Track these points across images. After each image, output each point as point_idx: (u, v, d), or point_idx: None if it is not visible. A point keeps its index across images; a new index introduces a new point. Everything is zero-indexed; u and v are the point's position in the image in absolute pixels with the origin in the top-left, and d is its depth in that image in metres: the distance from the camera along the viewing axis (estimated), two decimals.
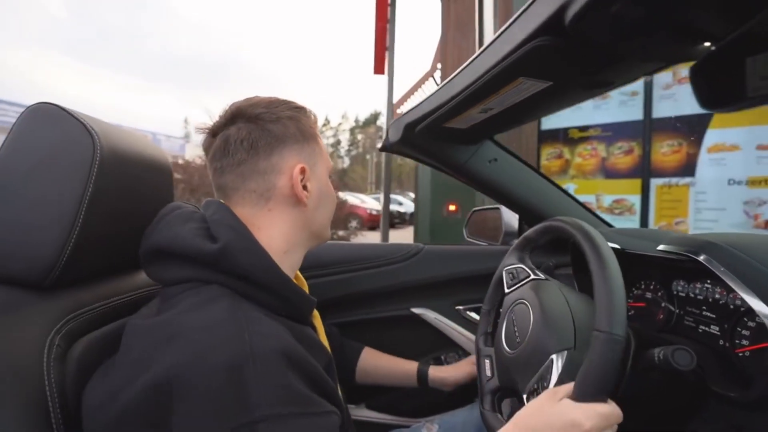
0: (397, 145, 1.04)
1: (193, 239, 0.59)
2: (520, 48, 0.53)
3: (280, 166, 0.66)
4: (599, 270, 0.59)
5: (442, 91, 0.78)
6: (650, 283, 0.89)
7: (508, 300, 0.82)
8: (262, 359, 0.48)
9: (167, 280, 0.60)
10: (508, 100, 0.71)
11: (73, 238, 0.56)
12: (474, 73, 0.65)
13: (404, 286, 1.27)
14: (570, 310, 0.68)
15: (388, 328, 1.29)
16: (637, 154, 3.53)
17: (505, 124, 0.91)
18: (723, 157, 3.09)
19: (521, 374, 0.68)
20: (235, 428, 0.45)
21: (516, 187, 1.13)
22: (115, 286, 0.68)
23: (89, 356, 0.57)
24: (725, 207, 3.09)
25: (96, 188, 0.57)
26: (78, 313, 0.58)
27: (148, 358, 0.50)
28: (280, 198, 0.66)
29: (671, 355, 0.57)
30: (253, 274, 0.57)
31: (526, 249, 0.87)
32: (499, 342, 0.78)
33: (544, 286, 0.76)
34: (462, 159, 1.07)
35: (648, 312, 0.88)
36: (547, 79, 0.61)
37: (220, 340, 0.49)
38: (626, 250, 0.86)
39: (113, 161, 0.60)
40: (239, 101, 0.69)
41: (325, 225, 0.75)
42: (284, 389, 0.48)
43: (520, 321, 0.73)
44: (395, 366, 1.09)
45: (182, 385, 0.46)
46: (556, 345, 0.64)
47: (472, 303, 1.29)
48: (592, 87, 0.65)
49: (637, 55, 0.50)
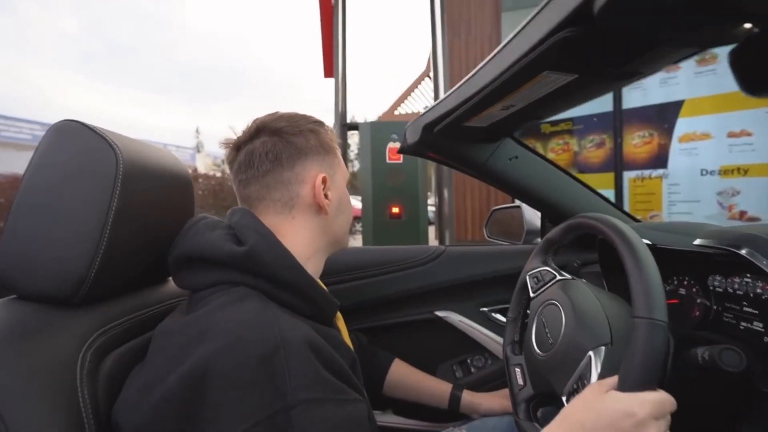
0: (416, 146, 1.03)
1: (221, 243, 0.61)
2: (545, 41, 0.51)
3: (303, 176, 0.70)
4: (633, 260, 0.57)
5: (461, 89, 0.77)
6: (683, 279, 0.86)
7: (535, 303, 0.80)
8: (291, 348, 0.50)
9: (197, 285, 0.62)
10: (531, 95, 0.69)
11: (101, 253, 0.56)
12: (495, 70, 0.64)
13: (427, 289, 1.25)
14: (602, 306, 0.67)
15: (412, 333, 1.27)
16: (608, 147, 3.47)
17: (526, 119, 0.89)
18: (694, 146, 3.03)
19: (557, 376, 0.67)
20: (271, 416, 0.46)
21: (538, 184, 1.11)
22: (142, 299, 0.68)
23: (119, 370, 0.57)
24: (699, 198, 3.03)
25: (120, 202, 0.58)
26: (107, 328, 0.58)
27: (180, 353, 0.51)
28: (303, 206, 0.70)
29: (718, 355, 0.55)
30: (279, 275, 0.60)
31: (549, 251, 0.85)
32: (529, 347, 0.76)
33: (572, 284, 0.74)
34: (482, 158, 1.05)
35: (682, 309, 0.85)
36: (573, 72, 0.59)
37: (250, 332, 0.50)
38: (657, 245, 0.84)
39: (135, 174, 0.60)
40: (262, 117, 0.73)
41: (344, 231, 0.78)
42: (314, 375, 0.50)
43: (551, 321, 0.71)
44: (426, 385, 1.08)
45: (215, 375, 0.47)
46: (592, 341, 0.62)
47: (497, 304, 1.27)
48: (619, 78, 0.63)
49: (671, 42, 0.48)
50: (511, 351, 0.87)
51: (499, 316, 1.27)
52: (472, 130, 0.93)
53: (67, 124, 0.59)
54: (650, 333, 0.52)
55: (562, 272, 0.80)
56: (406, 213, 3.13)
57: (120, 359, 0.59)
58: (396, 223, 3.13)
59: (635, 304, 0.54)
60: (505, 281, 1.21)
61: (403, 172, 3.12)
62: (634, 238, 0.60)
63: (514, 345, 0.88)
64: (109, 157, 0.57)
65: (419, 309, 1.28)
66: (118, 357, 0.59)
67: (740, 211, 2.83)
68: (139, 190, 0.62)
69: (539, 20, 0.51)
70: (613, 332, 0.62)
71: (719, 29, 0.43)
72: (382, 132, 3.12)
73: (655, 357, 0.51)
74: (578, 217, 0.76)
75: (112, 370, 0.57)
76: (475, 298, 1.28)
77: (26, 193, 0.56)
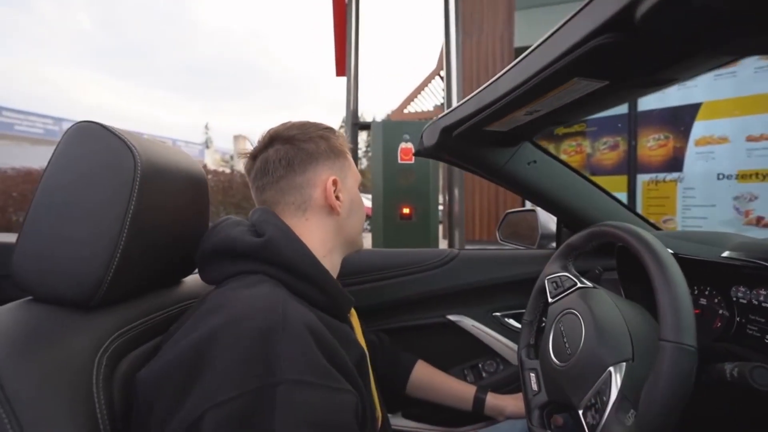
0: (433, 149, 1.02)
1: (243, 236, 0.65)
2: (580, 47, 0.49)
3: (314, 180, 0.74)
4: (661, 275, 0.56)
5: (483, 93, 0.75)
6: (705, 289, 0.84)
7: (553, 310, 0.79)
8: (290, 329, 0.52)
9: (220, 276, 0.65)
10: (558, 101, 0.68)
11: (118, 254, 0.55)
12: (522, 74, 0.62)
13: (439, 292, 1.25)
14: (624, 319, 0.65)
15: (424, 336, 1.27)
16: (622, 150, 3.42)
17: (547, 124, 0.87)
18: (711, 150, 2.97)
19: (574, 388, 0.65)
20: (258, 389, 0.47)
21: (556, 189, 1.09)
22: (157, 301, 0.68)
23: (134, 374, 0.57)
24: (714, 203, 2.97)
25: (138, 203, 0.57)
26: (123, 331, 0.58)
27: (195, 323, 0.55)
28: (316, 208, 0.74)
29: (749, 373, 0.53)
30: (295, 265, 0.63)
31: (570, 256, 0.84)
32: (546, 354, 0.75)
33: (593, 294, 0.73)
34: (500, 162, 1.04)
35: (704, 319, 0.83)
36: (604, 78, 0.58)
37: (256, 310, 0.53)
38: (679, 254, 0.83)
39: (153, 176, 0.60)
40: (275, 126, 0.78)
41: (358, 232, 0.82)
42: (307, 359, 0.52)
43: (570, 331, 0.70)
44: (450, 386, 1.09)
45: (217, 345, 0.50)
46: (613, 357, 0.60)
47: (510, 309, 1.26)
48: (651, 85, 0.61)
49: (714, 49, 0.47)
50: (526, 355, 0.86)
51: (512, 322, 1.26)
52: (492, 134, 0.92)
53: (86, 125, 0.58)
54: (677, 359, 0.50)
55: (582, 279, 0.78)
56: (416, 214, 3.11)
57: (135, 362, 0.58)
58: (406, 224, 3.11)
59: (663, 326, 0.53)
60: (519, 286, 1.20)
61: (414, 173, 3.10)
62: (663, 252, 0.59)
63: (530, 349, 0.87)
64: (128, 159, 0.57)
65: (431, 312, 1.27)
66: (133, 360, 0.58)
67: (757, 216, 2.78)
68: (157, 192, 0.61)
69: (574, 25, 0.50)
70: (635, 348, 0.61)
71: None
72: (394, 132, 3.10)
73: (681, 385, 0.50)
74: (602, 226, 0.74)
75: (127, 373, 0.56)
76: (487, 303, 1.27)
77: (44, 194, 0.55)
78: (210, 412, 0.46)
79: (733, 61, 0.53)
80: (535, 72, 0.59)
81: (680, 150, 3.10)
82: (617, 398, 0.57)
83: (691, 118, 3.04)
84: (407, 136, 3.02)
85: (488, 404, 1.05)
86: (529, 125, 0.85)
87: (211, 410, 0.46)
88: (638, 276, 0.86)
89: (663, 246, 0.60)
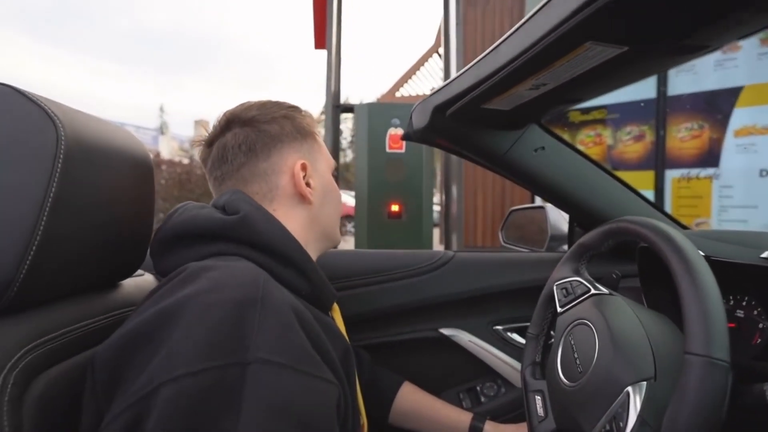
0: (423, 132, 1.01)
1: (212, 215, 0.67)
2: (591, 3, 0.49)
3: (280, 165, 0.76)
4: (688, 279, 0.56)
5: (481, 64, 0.75)
6: (742, 299, 0.85)
7: (562, 321, 0.79)
8: (269, 305, 0.53)
9: (185, 263, 0.64)
10: (568, 72, 0.67)
11: (33, 248, 0.53)
12: (526, 40, 0.61)
13: (431, 302, 1.24)
14: (645, 331, 0.65)
15: (412, 353, 1.26)
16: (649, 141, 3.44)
17: (557, 103, 0.87)
18: (753, 142, 2.99)
19: (585, 412, 0.65)
20: (226, 365, 0.48)
21: (568, 181, 1.09)
22: (86, 307, 0.65)
23: (53, 395, 0.55)
24: (757, 204, 3.00)
25: (61, 187, 0.55)
26: (38, 342, 0.55)
27: (162, 295, 0.56)
28: (284, 198, 0.76)
29: None
30: (274, 244, 0.66)
31: (583, 258, 0.84)
32: (553, 373, 0.75)
33: (609, 301, 0.73)
34: (502, 148, 1.03)
35: (741, 334, 0.83)
36: (622, 43, 0.57)
37: (234, 280, 0.55)
38: (711, 257, 0.83)
39: (81, 153, 0.58)
40: (232, 108, 0.79)
41: (334, 224, 0.84)
42: (284, 340, 0.53)
43: (582, 346, 0.70)
44: (443, 414, 1.08)
45: (188, 311, 0.51)
46: (632, 375, 0.60)
47: (513, 322, 1.26)
48: (679, 53, 0.60)
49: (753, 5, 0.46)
50: (531, 374, 0.86)
51: (516, 336, 1.26)
52: (492, 114, 0.91)
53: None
54: (706, 376, 0.50)
55: (597, 285, 0.78)
56: (407, 212, 3.10)
57: (56, 381, 0.56)
58: (395, 223, 3.09)
59: (689, 336, 0.53)
60: (524, 295, 1.20)
61: (404, 164, 3.09)
62: (691, 251, 0.58)
63: (535, 367, 0.87)
64: (49, 131, 0.55)
65: (422, 325, 1.26)
66: (53, 378, 0.56)
67: None
68: (86, 174, 0.60)
69: None
70: (657, 364, 0.61)
71: None
72: (381, 115, 3.08)
73: (710, 406, 0.49)
74: (620, 221, 0.74)
75: (45, 394, 0.54)
76: (487, 314, 1.27)
77: None
78: (165, 387, 0.47)
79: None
80: (541, 36, 0.58)
81: (717, 142, 3.12)
82: (636, 424, 0.57)
83: (730, 105, 3.06)
84: (397, 120, 3.02)
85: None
86: (536, 104, 0.84)
87: (167, 384, 0.47)
88: (663, 282, 0.86)
89: (692, 245, 0.60)
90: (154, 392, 0.47)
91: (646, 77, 0.71)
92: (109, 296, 0.72)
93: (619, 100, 3.54)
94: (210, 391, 0.47)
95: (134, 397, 0.48)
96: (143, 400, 0.47)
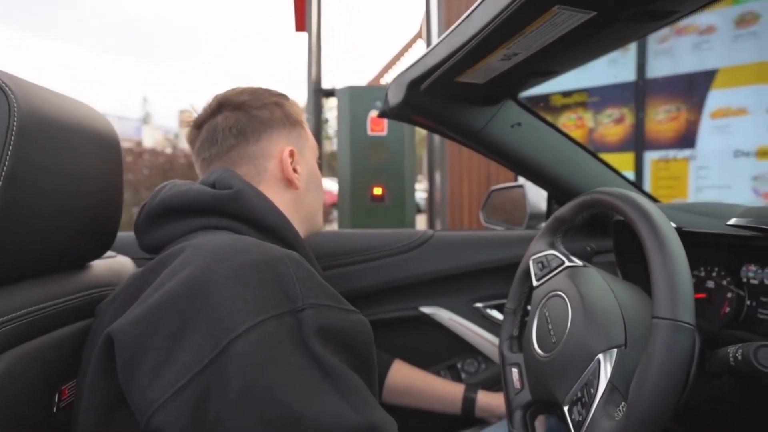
0: (399, 108, 1.00)
1: (205, 190, 0.68)
2: None
3: (269, 150, 0.78)
4: (657, 246, 0.56)
5: (453, 35, 0.74)
6: (712, 269, 0.85)
7: (537, 294, 0.79)
8: (294, 261, 0.56)
9: (175, 235, 0.67)
10: (538, 40, 0.67)
11: None
12: (495, 6, 0.61)
13: (411, 280, 1.24)
14: (617, 300, 0.65)
15: (393, 332, 1.26)
16: (628, 123, 3.46)
17: (532, 75, 0.87)
18: (728, 123, 3.02)
19: (559, 381, 0.65)
20: (282, 314, 0.51)
21: (545, 157, 1.09)
22: (52, 287, 0.64)
23: (18, 373, 0.54)
24: (730, 184, 3.04)
25: (14, 161, 0.53)
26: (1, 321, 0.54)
27: (175, 269, 0.54)
28: (272, 181, 0.78)
29: (753, 354, 0.54)
30: (265, 219, 0.68)
31: (558, 232, 0.84)
32: (529, 345, 0.75)
33: (582, 273, 0.73)
34: (478, 124, 1.03)
35: (711, 304, 0.84)
36: (590, 7, 0.57)
37: (254, 245, 0.57)
38: (683, 228, 0.83)
39: (37, 128, 0.56)
40: (223, 92, 0.81)
41: (317, 210, 0.87)
42: (319, 285, 0.57)
43: (555, 317, 0.70)
44: (435, 387, 1.10)
45: (214, 278, 0.51)
46: (603, 343, 0.60)
47: (493, 299, 1.27)
48: (648, 19, 0.60)
49: None
50: (508, 348, 0.86)
51: (495, 313, 1.27)
52: (467, 88, 0.90)
53: None
54: (672, 338, 0.50)
55: (571, 257, 0.78)
56: (390, 195, 3.10)
57: (21, 360, 0.55)
58: (378, 206, 3.10)
59: (656, 301, 0.53)
60: (504, 272, 1.20)
61: (387, 147, 3.08)
62: (660, 219, 0.58)
63: (512, 341, 0.87)
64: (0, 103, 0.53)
65: (401, 304, 1.27)
66: (19, 356, 0.55)
67: None
68: (44, 147, 0.58)
69: None
70: (628, 332, 0.61)
71: None
72: (362, 99, 3.07)
73: (675, 367, 0.49)
74: (594, 193, 0.74)
75: (9, 372, 0.53)
76: (467, 292, 1.27)
77: None
78: (234, 344, 0.48)
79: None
80: (509, 1, 0.57)
81: (693, 123, 3.15)
82: (606, 389, 0.57)
83: (705, 87, 3.08)
84: (379, 103, 2.99)
85: (480, 404, 1.06)
86: (510, 76, 0.84)
87: (235, 341, 0.48)
88: (637, 255, 0.87)
89: (662, 214, 0.60)
90: (224, 352, 0.47)
91: (617, 47, 0.71)
92: (79, 276, 0.70)
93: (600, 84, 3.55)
94: (275, 336, 0.49)
95: (198, 365, 0.47)
96: (212, 364, 0.47)
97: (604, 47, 0.72)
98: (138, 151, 6.82)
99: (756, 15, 2.88)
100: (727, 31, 2.98)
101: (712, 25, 3.04)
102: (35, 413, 0.57)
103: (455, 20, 0.71)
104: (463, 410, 1.06)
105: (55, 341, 0.58)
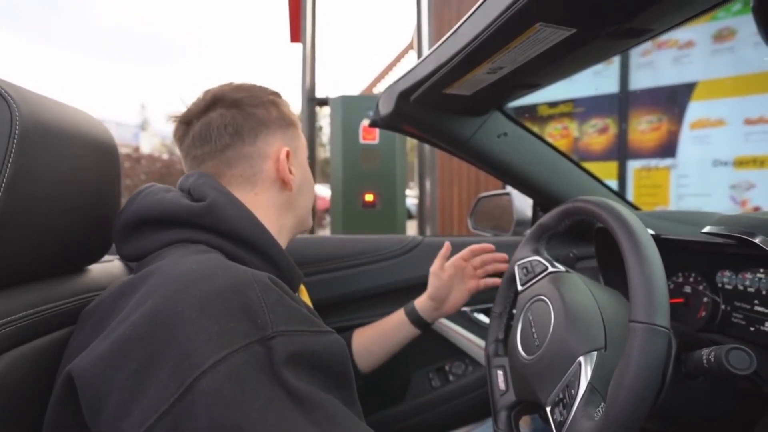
0: (389, 118, 1.01)
1: (179, 200, 0.64)
2: None
3: (266, 150, 0.75)
4: (634, 253, 0.57)
5: (441, 49, 0.75)
6: (689, 275, 0.87)
7: (522, 298, 0.80)
8: (263, 285, 0.53)
9: (149, 248, 0.64)
10: (522, 55, 0.68)
11: None
12: (481, 23, 0.62)
13: (401, 285, 1.24)
14: (597, 305, 0.66)
15: None
16: (612, 133, 3.51)
17: (517, 88, 0.88)
18: (707, 134, 3.07)
19: (542, 383, 0.66)
20: (249, 344, 0.48)
21: (530, 166, 1.10)
22: (49, 291, 0.63)
23: (12, 377, 0.54)
24: (710, 192, 3.08)
25: (17, 167, 0.53)
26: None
27: (140, 300, 0.52)
28: (267, 182, 0.75)
29: (725, 356, 0.55)
30: (241, 231, 0.64)
31: (542, 238, 0.85)
32: (513, 348, 0.75)
33: (564, 278, 0.74)
34: (466, 134, 1.04)
35: (687, 309, 0.86)
36: (570, 25, 0.58)
37: (218, 270, 0.53)
38: (661, 235, 0.85)
39: (38, 135, 0.56)
40: (216, 87, 0.76)
41: (308, 210, 0.84)
42: (289, 309, 0.53)
43: (539, 320, 0.71)
44: (386, 328, 1.08)
45: (184, 307, 0.49)
46: (584, 345, 0.61)
47: (480, 303, 1.26)
48: (625, 36, 0.62)
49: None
50: (494, 351, 0.87)
51: (482, 317, 1.27)
52: (455, 100, 0.91)
53: None
54: (648, 341, 0.51)
55: (555, 263, 0.79)
56: (381, 201, 3.10)
57: (16, 363, 0.55)
58: (370, 212, 3.10)
59: (633, 306, 0.53)
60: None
61: (379, 154, 3.09)
62: (637, 226, 0.59)
63: (498, 344, 0.87)
64: (2, 111, 0.53)
65: (391, 309, 1.25)
66: (14, 360, 0.55)
67: (754, 207, 2.89)
68: (44, 154, 0.58)
69: None
70: (608, 336, 0.62)
71: None
72: (355, 108, 3.08)
73: (651, 369, 0.50)
74: (575, 201, 0.75)
75: (4, 375, 0.53)
76: None
77: None
78: (200, 381, 0.45)
79: (716, 7, 0.53)
80: (494, 18, 0.59)
81: (674, 134, 3.19)
82: (586, 390, 0.58)
83: (686, 99, 3.14)
84: (371, 112, 3.00)
85: (422, 310, 1.06)
86: (496, 89, 0.85)
87: (201, 378, 0.45)
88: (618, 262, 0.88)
89: (639, 221, 0.61)
90: (189, 390, 0.45)
91: (597, 62, 0.72)
92: (75, 281, 0.70)
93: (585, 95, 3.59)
94: (242, 369, 0.46)
95: (164, 403, 0.45)
96: (179, 402, 0.45)
97: (585, 62, 0.73)
98: (135, 156, 6.79)
99: (732, 30, 2.94)
100: (705, 45, 3.04)
101: (691, 39, 3.09)
102: (32, 416, 0.57)
103: (446, 32, 0.72)
104: (413, 322, 1.06)
105: (53, 344, 0.57)
